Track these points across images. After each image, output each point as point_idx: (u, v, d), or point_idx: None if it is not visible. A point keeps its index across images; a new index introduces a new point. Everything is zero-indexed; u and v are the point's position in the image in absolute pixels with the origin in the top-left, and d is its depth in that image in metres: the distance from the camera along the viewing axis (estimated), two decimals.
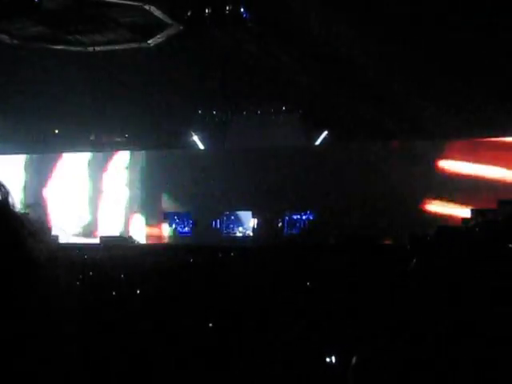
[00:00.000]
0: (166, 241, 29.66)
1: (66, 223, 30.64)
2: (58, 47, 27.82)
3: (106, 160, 31.77)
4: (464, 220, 25.16)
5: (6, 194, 1.06)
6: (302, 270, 13.19)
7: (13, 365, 0.96)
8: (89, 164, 31.91)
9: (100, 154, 32.00)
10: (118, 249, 24.63)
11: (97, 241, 28.88)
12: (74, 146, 31.73)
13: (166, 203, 30.54)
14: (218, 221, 29.81)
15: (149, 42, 27.75)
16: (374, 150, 28.21)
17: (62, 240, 29.47)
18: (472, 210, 25.43)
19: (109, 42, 28.15)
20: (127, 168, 31.45)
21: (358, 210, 27.41)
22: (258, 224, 29.31)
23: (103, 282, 11.38)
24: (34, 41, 26.69)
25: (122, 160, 31.69)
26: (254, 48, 27.22)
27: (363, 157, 28.03)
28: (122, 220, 31.08)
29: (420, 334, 2.35)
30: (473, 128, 26.33)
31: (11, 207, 1.06)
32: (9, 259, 1.00)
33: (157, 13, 25.05)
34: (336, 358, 6.15)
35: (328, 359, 6.24)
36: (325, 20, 23.71)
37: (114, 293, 9.44)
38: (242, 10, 24.74)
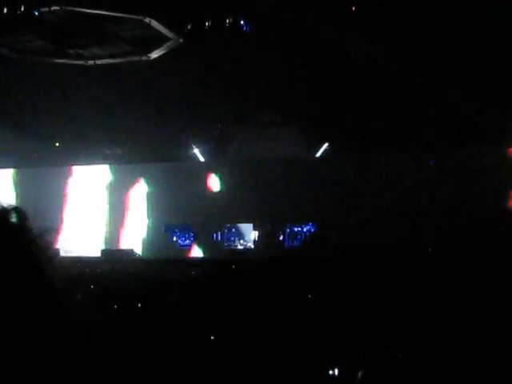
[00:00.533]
0: (166, 253, 29.58)
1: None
2: (58, 61, 27.89)
3: (113, 173, 31.69)
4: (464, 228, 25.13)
5: (24, 218, 1.06)
6: (303, 281, 13.17)
7: None
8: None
9: (105, 167, 31.90)
10: (119, 261, 24.63)
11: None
12: (74, 159, 31.73)
13: (166, 216, 30.49)
14: (219, 233, 29.79)
15: (149, 55, 27.83)
16: (374, 162, 28.20)
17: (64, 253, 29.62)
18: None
19: (109, 56, 28.23)
20: (130, 182, 31.38)
21: (360, 222, 27.45)
22: (259, 236, 29.29)
23: (104, 295, 11.37)
24: (34, 54, 26.75)
25: (124, 174, 31.66)
26: (255, 60, 27.30)
27: (364, 169, 28.04)
28: (126, 232, 31.03)
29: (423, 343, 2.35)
30: None
31: (29, 232, 1.06)
32: (29, 286, 1.00)
33: (157, 26, 25.14)
34: (339, 371, 6.14)
35: (331, 371, 6.23)
36: (328, 30, 23.76)
37: (115, 306, 9.43)
38: (241, 22, 24.83)
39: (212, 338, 7.71)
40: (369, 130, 27.84)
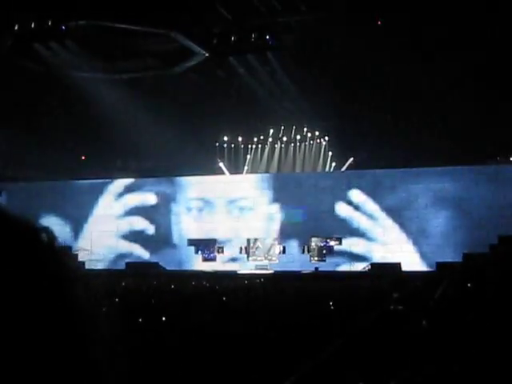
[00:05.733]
0: (190, 267, 29.61)
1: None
2: (85, 74, 28.13)
3: (138, 186, 31.73)
4: (491, 246, 24.96)
5: (53, 239, 1.05)
6: (327, 296, 13.11)
7: None
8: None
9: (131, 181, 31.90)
10: (144, 275, 24.65)
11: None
12: (101, 172, 31.88)
13: (192, 230, 30.54)
14: (244, 247, 29.76)
15: (175, 69, 28.00)
16: (398, 176, 28.07)
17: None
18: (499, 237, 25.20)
19: (135, 69, 28.44)
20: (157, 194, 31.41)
21: (382, 239, 27.40)
22: (282, 251, 29.24)
23: (129, 309, 11.38)
24: (60, 68, 26.99)
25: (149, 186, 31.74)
26: (280, 75, 27.39)
27: (387, 183, 27.93)
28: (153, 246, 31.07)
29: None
30: None
31: (59, 253, 1.05)
32: (56, 310, 0.99)
33: (183, 40, 25.30)
34: None
35: None
36: (353, 47, 23.78)
37: (140, 319, 9.43)
38: (267, 37, 24.92)
39: (238, 351, 7.69)
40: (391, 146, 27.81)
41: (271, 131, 33.61)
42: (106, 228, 31.06)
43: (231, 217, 30.06)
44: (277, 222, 29.31)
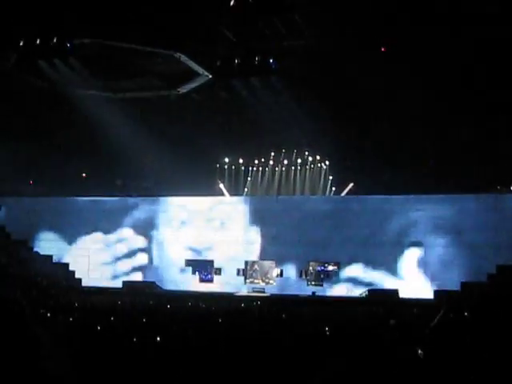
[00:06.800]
0: (187, 287, 29.53)
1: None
2: (87, 92, 28.22)
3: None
4: (489, 275, 24.92)
5: (23, 308, 1.13)
6: (323, 320, 13.07)
7: None
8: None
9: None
10: (140, 294, 24.59)
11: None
12: (100, 190, 31.90)
13: (189, 250, 30.51)
14: (242, 269, 29.72)
15: (178, 89, 28.11)
16: (398, 202, 28.07)
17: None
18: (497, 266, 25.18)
19: (138, 89, 28.54)
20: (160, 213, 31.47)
21: (382, 264, 27.33)
22: (280, 274, 29.19)
23: (124, 328, 11.34)
24: (63, 85, 27.05)
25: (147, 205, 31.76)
26: (282, 98, 27.47)
27: (388, 209, 27.92)
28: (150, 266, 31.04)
29: None
30: None
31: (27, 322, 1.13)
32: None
33: (187, 61, 25.41)
34: None
35: None
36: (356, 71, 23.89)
37: (134, 339, 9.38)
38: (270, 61, 25.02)
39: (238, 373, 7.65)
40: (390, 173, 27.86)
41: (272, 154, 33.71)
42: (103, 246, 31.09)
43: (228, 238, 30.04)
44: (276, 243, 29.25)
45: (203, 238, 30.28)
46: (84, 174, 34.24)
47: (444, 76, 23.45)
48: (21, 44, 24.05)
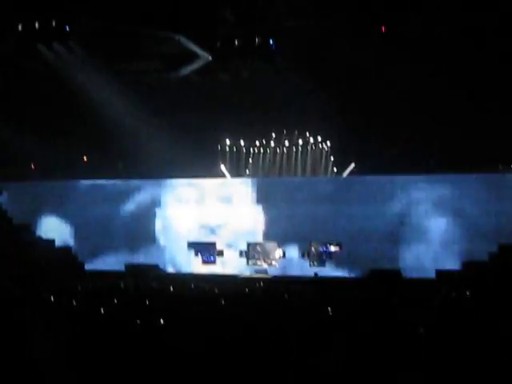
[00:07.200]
0: (190, 269, 29.58)
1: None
2: (87, 76, 28.14)
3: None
4: (491, 255, 24.95)
5: (10, 291, 1.13)
6: (326, 302, 13.09)
7: None
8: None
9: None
10: (143, 277, 24.63)
11: None
12: (100, 174, 31.83)
13: (192, 232, 30.52)
14: (244, 251, 29.74)
15: (178, 72, 28.00)
16: (399, 182, 28.04)
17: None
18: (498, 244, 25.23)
19: (139, 71, 28.45)
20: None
21: (384, 244, 27.31)
22: (283, 255, 29.21)
23: (128, 310, 11.38)
24: (63, 69, 26.97)
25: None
26: (283, 79, 27.37)
27: (389, 189, 27.89)
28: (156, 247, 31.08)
29: None
30: None
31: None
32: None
33: (186, 43, 25.32)
34: None
35: None
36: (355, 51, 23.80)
37: (138, 321, 9.41)
38: (271, 42, 24.92)
39: (237, 354, 7.68)
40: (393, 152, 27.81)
41: (273, 135, 33.62)
42: (105, 229, 31.13)
43: (231, 220, 30.07)
44: (278, 224, 29.26)
45: (205, 220, 30.31)
46: (85, 157, 34.16)
47: (444, 57, 23.38)
48: (19, 28, 23.97)
